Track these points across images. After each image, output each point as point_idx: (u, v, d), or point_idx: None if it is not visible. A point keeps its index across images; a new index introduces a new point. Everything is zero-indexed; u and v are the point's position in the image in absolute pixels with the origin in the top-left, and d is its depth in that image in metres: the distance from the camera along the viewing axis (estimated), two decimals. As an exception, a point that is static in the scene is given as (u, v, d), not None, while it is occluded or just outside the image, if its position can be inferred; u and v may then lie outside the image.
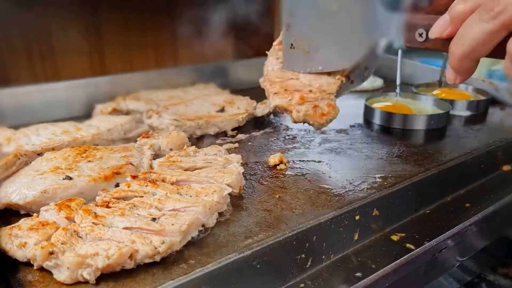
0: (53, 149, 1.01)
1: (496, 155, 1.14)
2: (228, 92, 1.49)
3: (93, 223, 0.70)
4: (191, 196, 0.79)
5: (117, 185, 0.85)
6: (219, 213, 0.80)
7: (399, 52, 1.53)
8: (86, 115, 1.32)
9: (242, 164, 0.96)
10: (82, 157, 0.93)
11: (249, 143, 1.18)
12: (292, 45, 0.93)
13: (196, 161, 0.94)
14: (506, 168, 1.16)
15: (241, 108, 1.32)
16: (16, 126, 1.12)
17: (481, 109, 1.43)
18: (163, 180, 0.84)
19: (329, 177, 0.96)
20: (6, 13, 1.40)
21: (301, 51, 0.93)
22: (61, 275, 0.64)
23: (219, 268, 0.66)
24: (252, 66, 1.71)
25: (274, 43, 1.04)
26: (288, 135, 1.22)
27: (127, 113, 1.31)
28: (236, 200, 0.87)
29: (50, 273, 0.65)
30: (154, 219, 0.72)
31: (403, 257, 0.81)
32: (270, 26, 1.85)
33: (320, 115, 0.91)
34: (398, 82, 1.53)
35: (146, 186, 0.81)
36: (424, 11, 0.80)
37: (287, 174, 0.98)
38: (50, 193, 0.80)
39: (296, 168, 1.01)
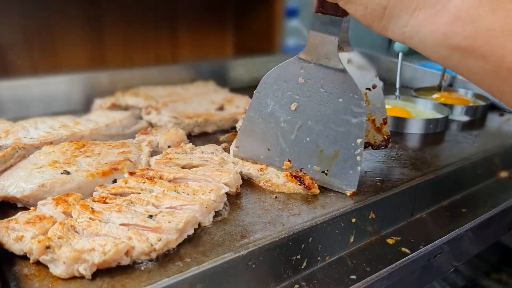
0: (51, 143, 1.01)
1: (494, 161, 1.15)
2: (228, 91, 1.48)
3: (90, 218, 0.70)
4: (188, 194, 0.80)
5: (114, 181, 0.85)
6: (215, 211, 0.80)
7: (400, 55, 1.54)
8: (85, 109, 1.32)
9: (240, 164, 0.96)
10: (80, 152, 0.93)
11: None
12: None
13: (193, 158, 0.94)
14: (503, 174, 1.17)
15: (240, 107, 1.32)
16: (15, 119, 1.12)
17: (479, 115, 1.44)
18: (160, 177, 0.85)
19: (327, 178, 0.97)
20: (7, 4, 1.40)
21: None
22: (57, 270, 0.64)
23: (214, 267, 0.66)
24: (251, 65, 1.71)
25: None
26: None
27: (126, 108, 1.30)
28: (233, 199, 0.87)
29: (46, 267, 0.65)
30: (150, 216, 0.72)
31: (398, 261, 0.81)
32: (269, 24, 1.85)
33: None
34: (397, 85, 1.54)
35: (144, 183, 0.81)
36: None
37: (285, 175, 0.98)
38: (47, 187, 0.80)
39: (294, 168, 1.01)
